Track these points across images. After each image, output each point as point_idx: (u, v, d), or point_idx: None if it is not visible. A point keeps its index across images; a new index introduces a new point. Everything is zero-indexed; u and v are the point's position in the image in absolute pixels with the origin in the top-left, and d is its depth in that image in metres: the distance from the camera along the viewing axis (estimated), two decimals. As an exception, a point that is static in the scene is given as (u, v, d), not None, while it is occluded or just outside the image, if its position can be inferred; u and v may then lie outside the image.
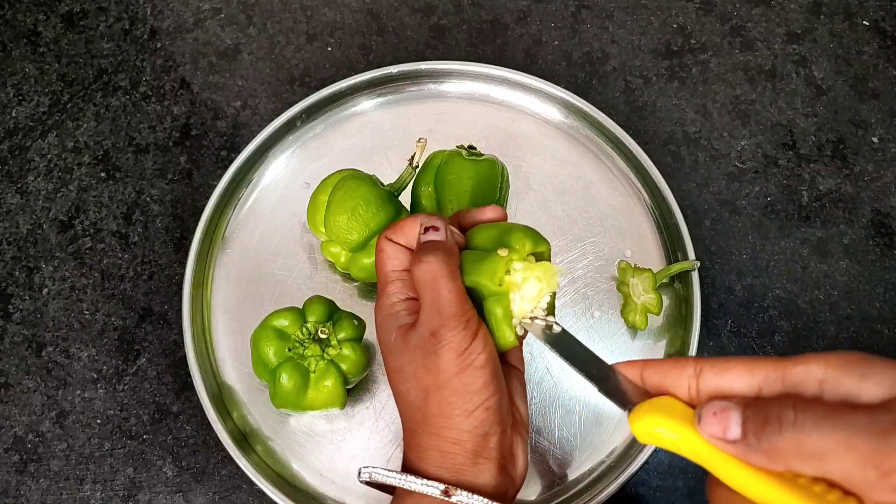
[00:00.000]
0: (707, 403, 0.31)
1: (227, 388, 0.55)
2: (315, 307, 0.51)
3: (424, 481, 0.37)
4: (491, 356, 0.38)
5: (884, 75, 0.68)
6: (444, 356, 0.37)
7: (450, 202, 0.54)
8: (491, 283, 0.38)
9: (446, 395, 0.37)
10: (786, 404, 0.29)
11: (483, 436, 0.37)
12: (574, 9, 0.71)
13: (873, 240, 0.62)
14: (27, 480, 0.55)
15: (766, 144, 0.65)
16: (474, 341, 0.37)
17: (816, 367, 0.29)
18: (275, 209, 0.61)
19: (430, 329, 0.37)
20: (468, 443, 0.37)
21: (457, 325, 0.37)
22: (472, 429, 0.37)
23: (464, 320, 0.37)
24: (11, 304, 0.60)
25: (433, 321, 0.37)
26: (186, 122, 0.66)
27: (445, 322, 0.37)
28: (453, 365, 0.37)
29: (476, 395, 0.37)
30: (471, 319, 0.37)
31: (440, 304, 0.37)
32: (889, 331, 0.58)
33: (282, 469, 0.53)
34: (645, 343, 0.57)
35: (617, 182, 0.62)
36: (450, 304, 0.37)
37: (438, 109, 0.65)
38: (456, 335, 0.37)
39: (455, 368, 0.37)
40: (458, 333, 0.37)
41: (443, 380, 0.37)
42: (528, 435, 0.41)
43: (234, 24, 0.70)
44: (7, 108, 0.67)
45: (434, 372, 0.37)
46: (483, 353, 0.37)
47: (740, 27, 0.70)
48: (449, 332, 0.37)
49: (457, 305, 0.37)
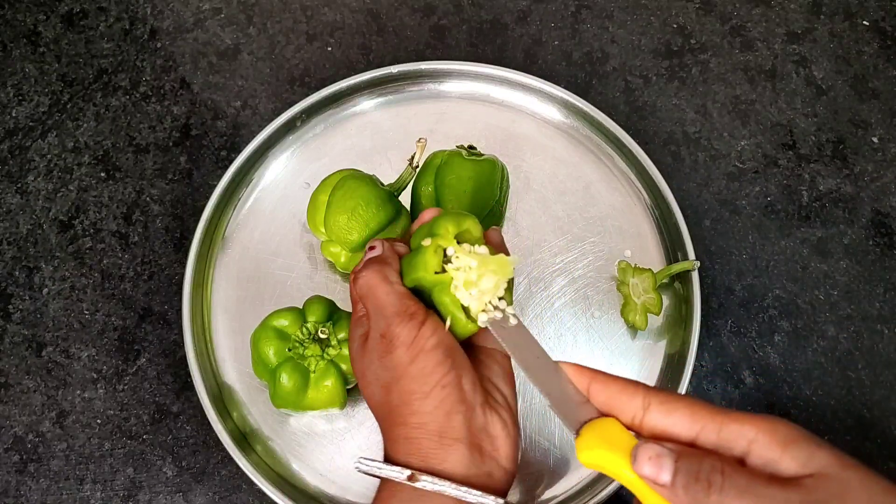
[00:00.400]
0: (644, 446, 0.33)
1: (227, 388, 0.55)
2: (315, 307, 0.51)
3: (392, 467, 0.38)
4: (441, 339, 0.39)
5: (884, 75, 0.68)
6: (396, 351, 0.39)
7: (450, 202, 0.54)
8: (427, 274, 0.40)
9: (404, 384, 0.39)
10: (715, 468, 0.31)
11: (445, 414, 0.38)
12: (574, 9, 0.71)
13: (873, 240, 0.62)
14: (27, 480, 0.55)
15: (766, 144, 0.65)
16: (421, 328, 0.39)
17: (749, 429, 0.32)
18: (275, 209, 0.61)
19: (379, 332, 0.40)
20: (431, 424, 0.38)
21: (401, 321, 0.39)
22: (433, 409, 0.38)
23: (407, 315, 0.39)
24: (11, 304, 0.60)
25: (379, 324, 0.40)
26: (186, 122, 0.66)
27: (390, 321, 0.39)
28: (406, 356, 0.38)
29: (430, 375, 0.38)
30: (415, 312, 0.39)
31: (381, 307, 0.40)
32: (889, 331, 0.58)
33: (282, 469, 0.53)
34: (645, 343, 0.57)
35: (617, 182, 0.62)
36: (390, 305, 0.40)
37: (438, 109, 0.65)
38: (402, 330, 0.39)
39: (408, 358, 0.38)
40: (403, 328, 0.39)
41: (399, 373, 0.39)
42: (512, 417, 0.40)
43: (234, 24, 0.70)
44: (7, 108, 0.67)
45: (390, 368, 0.39)
46: (433, 337, 0.39)
47: (740, 27, 0.70)
48: (395, 328, 0.39)
49: (397, 304, 0.40)
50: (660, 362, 0.56)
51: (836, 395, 0.56)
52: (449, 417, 0.38)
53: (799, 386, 0.57)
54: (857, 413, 0.56)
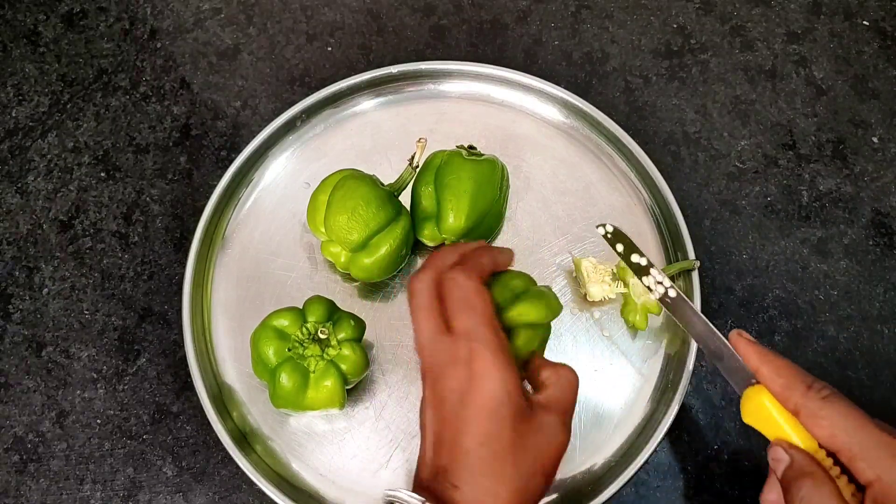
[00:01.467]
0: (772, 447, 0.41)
1: (227, 388, 0.55)
2: (315, 307, 0.51)
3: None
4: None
5: (884, 75, 0.68)
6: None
7: (450, 202, 0.54)
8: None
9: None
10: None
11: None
12: (574, 9, 0.71)
13: (873, 240, 0.62)
14: (27, 480, 0.55)
15: (766, 144, 0.65)
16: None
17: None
18: (275, 209, 0.61)
19: (562, 420, 0.42)
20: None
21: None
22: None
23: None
24: (11, 304, 0.60)
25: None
26: (186, 122, 0.66)
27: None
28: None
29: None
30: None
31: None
32: (889, 331, 0.58)
33: (282, 469, 0.53)
34: (645, 343, 0.57)
35: (617, 182, 0.62)
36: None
37: (438, 109, 0.65)
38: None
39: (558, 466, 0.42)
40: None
41: (550, 470, 0.41)
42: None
43: (234, 24, 0.70)
44: (7, 108, 0.67)
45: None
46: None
47: (740, 27, 0.70)
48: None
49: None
50: (660, 362, 0.56)
51: (836, 395, 0.56)
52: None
53: (799, 386, 0.57)
54: (857, 413, 0.56)
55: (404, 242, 0.53)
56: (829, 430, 0.38)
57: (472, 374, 0.39)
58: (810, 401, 0.39)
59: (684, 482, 0.54)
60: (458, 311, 0.41)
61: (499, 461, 0.38)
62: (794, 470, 0.39)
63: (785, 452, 0.40)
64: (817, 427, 0.39)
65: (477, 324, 0.41)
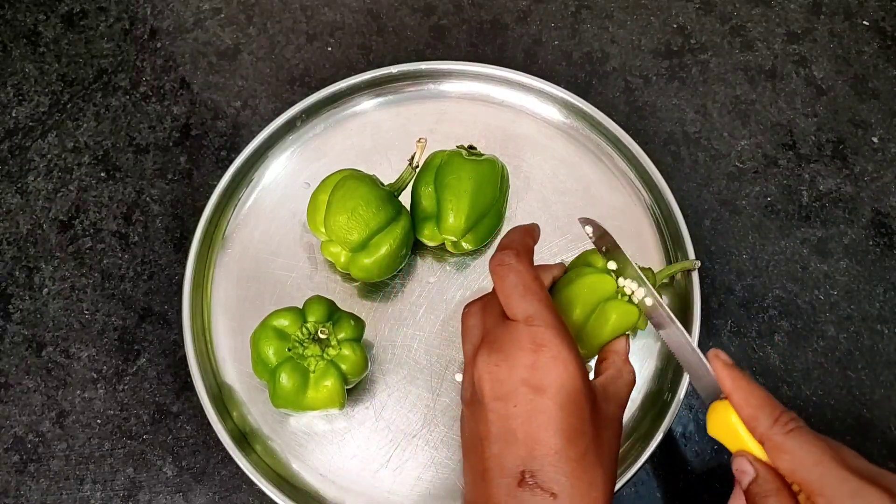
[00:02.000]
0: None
1: (227, 388, 0.55)
2: (315, 307, 0.51)
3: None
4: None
5: (884, 75, 0.68)
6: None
7: (450, 202, 0.54)
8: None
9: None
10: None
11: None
12: (574, 9, 0.71)
13: (873, 240, 0.62)
14: (27, 480, 0.55)
15: (766, 144, 0.65)
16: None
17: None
18: (275, 209, 0.61)
19: (618, 416, 0.42)
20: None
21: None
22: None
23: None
24: (11, 304, 0.60)
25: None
26: (186, 122, 0.66)
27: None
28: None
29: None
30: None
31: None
32: (889, 331, 0.58)
33: (282, 469, 0.53)
34: (645, 343, 0.57)
35: (617, 182, 0.62)
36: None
37: (438, 109, 0.65)
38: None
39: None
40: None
41: (614, 466, 0.40)
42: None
43: (234, 24, 0.70)
44: (7, 108, 0.67)
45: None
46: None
47: (740, 27, 0.70)
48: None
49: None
50: (660, 362, 0.56)
51: (836, 395, 0.56)
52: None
53: (799, 386, 0.57)
54: (857, 413, 0.56)
55: (404, 242, 0.53)
56: (790, 464, 0.38)
57: (543, 361, 0.37)
58: (775, 434, 0.39)
59: (684, 482, 0.54)
60: (514, 296, 0.39)
61: (589, 461, 0.36)
62: (759, 486, 0.39)
63: (750, 465, 0.39)
64: (779, 460, 0.39)
65: (539, 308, 0.38)
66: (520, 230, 0.45)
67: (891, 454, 0.54)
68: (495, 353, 0.38)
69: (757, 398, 0.40)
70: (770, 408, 0.40)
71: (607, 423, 0.39)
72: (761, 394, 0.41)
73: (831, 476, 0.36)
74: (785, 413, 0.40)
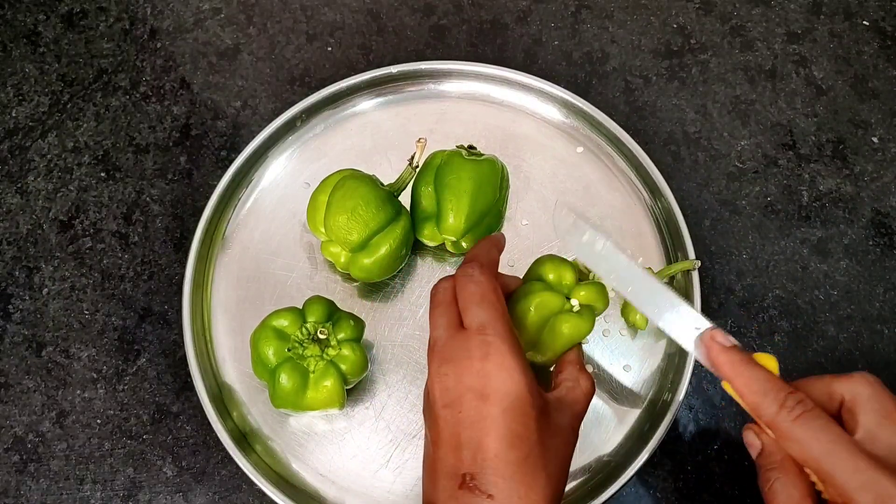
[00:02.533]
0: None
1: (227, 388, 0.55)
2: (315, 307, 0.51)
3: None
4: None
5: (884, 75, 0.68)
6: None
7: (450, 202, 0.54)
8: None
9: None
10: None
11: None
12: (574, 9, 0.71)
13: (873, 240, 0.62)
14: (27, 480, 0.55)
15: (766, 144, 0.65)
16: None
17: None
18: (275, 209, 0.61)
19: (572, 425, 0.42)
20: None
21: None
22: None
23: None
24: (11, 304, 0.60)
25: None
26: (186, 122, 0.66)
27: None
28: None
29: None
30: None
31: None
32: (889, 331, 0.58)
33: (282, 469, 0.53)
34: (645, 343, 0.57)
35: (617, 182, 0.62)
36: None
37: (438, 109, 0.65)
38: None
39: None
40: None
41: (563, 475, 0.41)
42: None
43: (234, 24, 0.70)
44: (7, 108, 0.67)
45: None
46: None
47: (740, 27, 0.70)
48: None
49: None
50: (660, 362, 0.56)
51: (836, 395, 0.56)
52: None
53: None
54: (857, 413, 0.56)
55: (404, 242, 0.53)
56: (799, 452, 0.37)
57: (489, 369, 0.38)
58: (781, 421, 0.37)
59: (684, 482, 0.54)
60: (471, 305, 0.40)
61: (530, 465, 0.36)
62: (765, 458, 0.39)
63: (756, 438, 0.39)
64: (789, 448, 0.38)
65: (492, 318, 0.39)
66: (486, 243, 0.46)
67: (891, 454, 0.54)
68: (445, 364, 0.39)
69: (759, 383, 0.39)
70: (774, 393, 0.38)
71: (556, 431, 0.39)
72: (762, 376, 0.39)
73: (842, 465, 0.35)
74: (791, 397, 0.38)
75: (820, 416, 0.37)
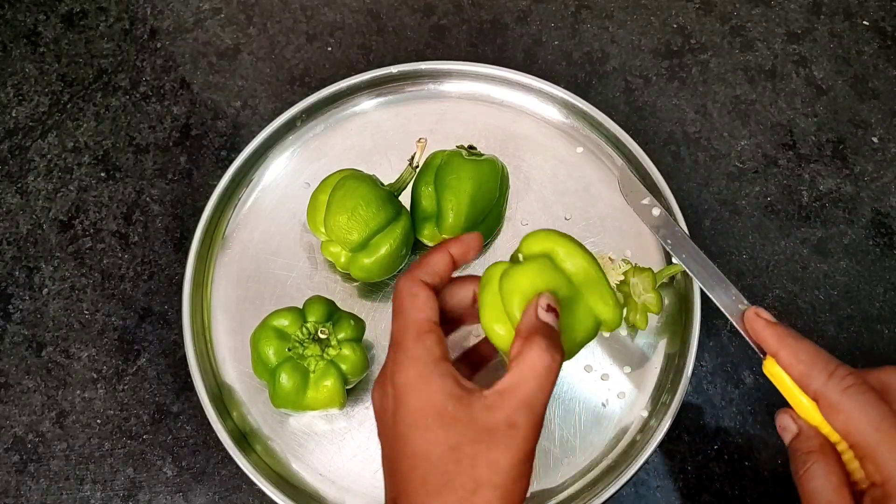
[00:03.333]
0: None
1: (227, 388, 0.55)
2: (315, 307, 0.51)
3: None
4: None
5: (884, 75, 0.68)
6: (519, 451, 0.34)
7: (450, 202, 0.54)
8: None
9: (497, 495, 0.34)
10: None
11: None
12: (574, 9, 0.71)
13: (873, 240, 0.62)
14: (27, 480, 0.55)
15: (766, 144, 0.65)
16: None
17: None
18: (275, 209, 0.61)
19: (511, 420, 0.34)
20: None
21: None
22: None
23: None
24: (11, 304, 0.60)
25: (525, 416, 0.34)
26: (186, 122, 0.66)
27: (536, 423, 0.35)
28: (525, 468, 0.35)
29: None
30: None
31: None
32: (889, 331, 0.58)
33: (282, 469, 0.53)
34: (645, 343, 0.57)
35: (617, 182, 0.62)
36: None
37: (438, 109, 0.65)
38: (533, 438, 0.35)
39: (521, 472, 0.34)
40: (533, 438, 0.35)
41: (498, 480, 0.34)
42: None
43: (234, 24, 0.70)
44: (7, 108, 0.67)
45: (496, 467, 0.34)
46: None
47: (740, 27, 0.70)
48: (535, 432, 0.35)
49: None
50: (660, 362, 0.56)
51: (836, 395, 0.56)
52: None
53: (799, 386, 0.57)
54: (857, 413, 0.56)
55: (404, 242, 0.53)
56: (844, 424, 0.36)
57: (395, 388, 0.36)
58: (829, 391, 0.37)
59: (684, 482, 0.54)
60: (394, 318, 0.38)
61: (431, 484, 0.34)
62: (801, 442, 0.38)
63: (793, 422, 0.39)
64: (833, 420, 0.37)
65: (400, 330, 0.37)
66: (438, 254, 0.40)
67: (891, 454, 0.54)
68: (376, 388, 0.39)
69: (807, 353, 0.38)
70: (824, 362, 0.38)
71: (479, 438, 0.34)
72: (811, 348, 0.39)
73: (886, 441, 0.35)
74: (841, 367, 0.37)
75: (870, 389, 0.36)
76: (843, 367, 0.37)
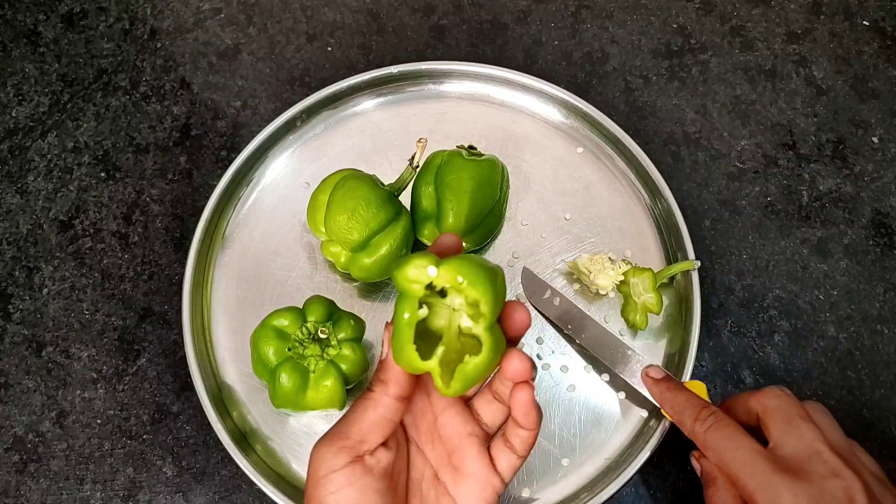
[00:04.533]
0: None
1: (227, 388, 0.55)
2: (315, 307, 0.51)
3: None
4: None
5: (884, 75, 0.68)
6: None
7: (450, 202, 0.54)
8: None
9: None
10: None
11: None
12: (574, 9, 0.71)
13: (873, 240, 0.62)
14: (27, 480, 0.55)
15: (766, 144, 0.65)
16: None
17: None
18: (275, 209, 0.61)
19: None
20: None
21: None
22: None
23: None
24: (11, 304, 0.60)
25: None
26: (186, 122, 0.66)
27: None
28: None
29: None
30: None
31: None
32: (889, 331, 0.58)
33: (282, 469, 0.53)
34: (645, 343, 0.57)
35: (617, 182, 0.62)
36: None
37: (438, 109, 0.65)
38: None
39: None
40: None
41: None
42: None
43: (234, 24, 0.70)
44: (7, 108, 0.67)
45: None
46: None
47: (740, 27, 0.70)
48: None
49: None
50: (660, 362, 0.56)
51: (836, 395, 0.56)
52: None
53: (799, 386, 0.57)
54: (857, 413, 0.56)
55: (404, 242, 0.53)
56: (713, 458, 0.42)
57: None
58: (697, 432, 0.43)
59: (684, 482, 0.54)
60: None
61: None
62: (706, 476, 0.44)
63: (697, 462, 0.45)
64: (708, 455, 0.43)
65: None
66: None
67: (891, 454, 0.54)
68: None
69: (679, 402, 0.45)
70: (691, 409, 0.44)
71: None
72: (683, 398, 0.46)
73: (745, 468, 0.40)
74: (704, 409, 0.44)
75: (728, 425, 0.42)
76: (707, 409, 0.44)
